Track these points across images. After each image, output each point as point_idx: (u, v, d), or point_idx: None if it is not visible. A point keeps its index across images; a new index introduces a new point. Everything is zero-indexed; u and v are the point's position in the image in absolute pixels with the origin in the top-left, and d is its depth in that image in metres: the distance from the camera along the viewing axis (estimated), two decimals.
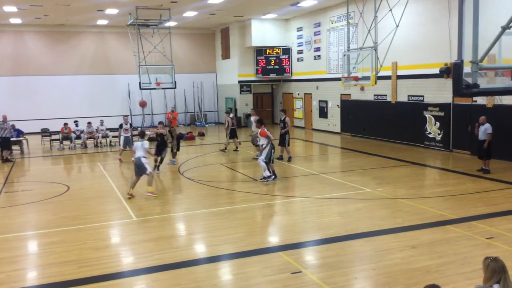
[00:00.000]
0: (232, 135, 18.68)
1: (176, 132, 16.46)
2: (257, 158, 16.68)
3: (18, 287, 6.72)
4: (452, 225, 8.87)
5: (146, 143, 11.82)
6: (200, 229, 9.31)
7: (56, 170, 16.68)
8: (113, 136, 22.30)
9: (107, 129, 22.25)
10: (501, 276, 4.05)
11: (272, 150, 13.04)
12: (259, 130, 13.15)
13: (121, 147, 17.53)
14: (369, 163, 15.73)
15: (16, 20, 25.59)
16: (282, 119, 16.36)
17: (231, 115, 18.87)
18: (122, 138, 17.48)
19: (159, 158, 14.88)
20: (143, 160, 11.58)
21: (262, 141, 13.05)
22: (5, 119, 17.95)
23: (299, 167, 15.23)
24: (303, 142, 21.95)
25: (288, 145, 16.32)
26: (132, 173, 12.31)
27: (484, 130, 13.29)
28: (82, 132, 21.54)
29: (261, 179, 13.02)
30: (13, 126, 19.34)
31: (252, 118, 17.49)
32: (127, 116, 19.38)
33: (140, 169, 11.60)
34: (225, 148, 18.66)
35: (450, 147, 17.33)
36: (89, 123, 22.10)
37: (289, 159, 16.07)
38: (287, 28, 28.15)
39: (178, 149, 16.56)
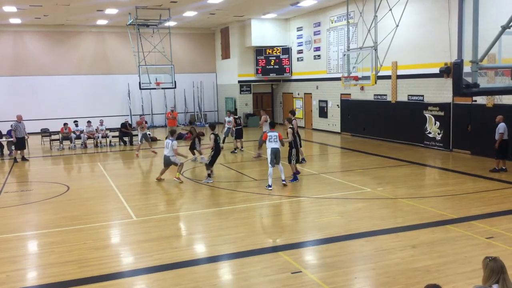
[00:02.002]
0: (238, 135, 18.79)
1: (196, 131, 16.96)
2: (258, 156, 16.63)
3: (18, 287, 6.72)
4: (452, 224, 8.87)
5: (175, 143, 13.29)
6: (200, 229, 9.31)
7: (56, 170, 16.68)
8: (113, 136, 22.32)
9: (107, 129, 22.27)
10: (499, 276, 4.03)
11: (293, 151, 13.18)
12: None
13: (139, 142, 18.91)
14: (369, 163, 15.73)
15: (16, 20, 25.58)
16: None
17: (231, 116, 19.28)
18: (140, 134, 18.97)
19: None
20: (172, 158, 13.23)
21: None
22: (20, 119, 17.92)
23: (299, 167, 15.20)
24: (303, 142, 21.85)
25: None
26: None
27: (497, 130, 13.22)
28: (82, 132, 21.56)
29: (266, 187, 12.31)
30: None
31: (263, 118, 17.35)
32: (144, 115, 21.36)
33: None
34: (236, 149, 18.83)
35: (450, 147, 17.33)
36: (88, 122, 22.15)
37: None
38: (287, 28, 28.14)
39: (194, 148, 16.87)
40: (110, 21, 26.73)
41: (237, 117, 19.37)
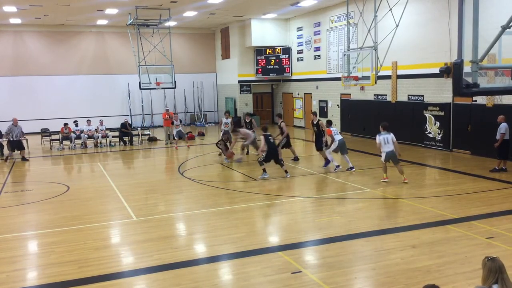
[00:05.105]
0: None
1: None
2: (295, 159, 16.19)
3: (18, 287, 6.71)
4: (452, 224, 8.87)
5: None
6: (200, 229, 9.30)
7: (56, 170, 16.68)
8: (113, 136, 22.33)
9: (107, 129, 22.28)
10: (498, 276, 4.00)
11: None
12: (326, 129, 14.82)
13: (177, 138, 20.42)
14: (369, 163, 15.72)
15: (16, 20, 25.59)
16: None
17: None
18: (175, 131, 20.45)
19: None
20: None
21: None
22: (15, 122, 18.00)
23: (299, 167, 15.23)
24: (303, 142, 21.94)
25: (290, 145, 16.45)
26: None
27: (499, 130, 13.24)
28: (82, 132, 21.56)
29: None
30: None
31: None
32: (176, 114, 23.17)
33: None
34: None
35: (450, 147, 17.33)
36: (88, 120, 22.20)
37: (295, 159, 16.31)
38: (287, 28, 28.14)
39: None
40: (110, 21, 26.73)
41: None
